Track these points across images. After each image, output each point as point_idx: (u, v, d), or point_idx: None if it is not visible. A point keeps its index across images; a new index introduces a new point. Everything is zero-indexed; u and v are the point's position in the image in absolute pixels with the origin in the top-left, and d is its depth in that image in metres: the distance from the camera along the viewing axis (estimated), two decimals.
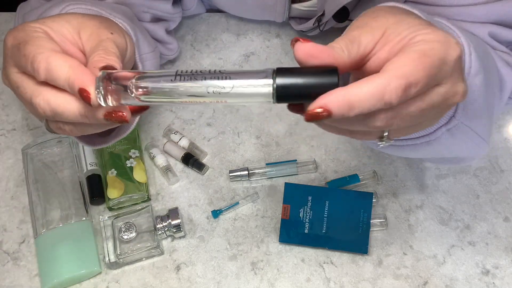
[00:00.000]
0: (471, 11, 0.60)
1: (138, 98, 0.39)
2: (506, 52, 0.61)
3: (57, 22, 0.47)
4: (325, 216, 0.68)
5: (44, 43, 0.44)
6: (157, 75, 0.39)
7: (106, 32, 0.47)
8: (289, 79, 0.37)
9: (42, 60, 0.42)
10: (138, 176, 0.71)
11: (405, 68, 0.37)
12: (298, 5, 0.77)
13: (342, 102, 0.36)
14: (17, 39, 0.45)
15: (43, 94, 0.44)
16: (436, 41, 0.39)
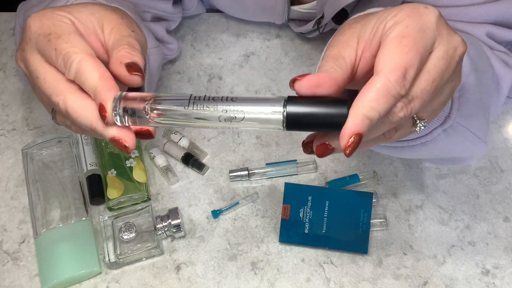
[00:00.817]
0: (468, 12, 0.60)
1: (152, 120, 0.41)
2: (504, 51, 0.61)
3: (83, 13, 0.46)
4: (325, 216, 0.68)
5: (77, 42, 0.44)
6: (172, 99, 0.40)
7: (128, 30, 0.47)
8: (300, 108, 0.38)
9: (76, 61, 0.43)
10: (138, 176, 0.71)
11: (393, 58, 0.38)
12: (297, 7, 0.77)
13: (363, 119, 0.37)
14: (45, 27, 0.44)
15: (64, 95, 0.44)
16: (406, 16, 0.39)
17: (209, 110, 0.39)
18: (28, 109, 0.78)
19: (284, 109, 0.38)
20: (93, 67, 0.43)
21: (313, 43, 0.83)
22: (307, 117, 0.38)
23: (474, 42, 0.58)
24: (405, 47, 0.38)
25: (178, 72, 0.82)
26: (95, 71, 0.42)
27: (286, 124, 0.38)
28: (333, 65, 0.40)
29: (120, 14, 0.49)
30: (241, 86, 0.80)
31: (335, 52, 0.41)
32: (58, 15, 0.45)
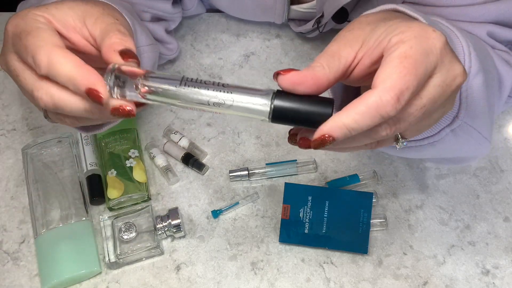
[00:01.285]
0: (469, 11, 0.60)
1: (143, 95, 0.41)
2: (505, 50, 0.62)
3: (60, 9, 0.46)
4: (325, 216, 0.68)
5: (46, 36, 0.43)
6: (164, 77, 0.41)
7: (111, 18, 0.47)
8: (287, 103, 0.39)
9: (44, 55, 0.42)
10: (138, 176, 0.71)
11: (391, 78, 0.37)
12: (297, 6, 0.77)
13: (342, 127, 0.38)
14: (18, 27, 0.44)
15: (45, 88, 0.43)
16: (412, 37, 0.39)
17: (199, 93, 0.40)
18: (28, 109, 0.79)
19: (272, 101, 0.39)
20: (63, 57, 0.42)
21: (313, 43, 0.83)
22: (293, 113, 0.39)
23: (479, 41, 0.58)
24: (405, 69, 0.37)
25: (178, 72, 0.82)
26: (66, 62, 0.41)
27: (272, 116, 0.39)
28: (323, 63, 0.40)
29: (102, 5, 0.48)
30: None
31: (335, 48, 0.41)
32: (32, 14, 0.45)
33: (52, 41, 0.43)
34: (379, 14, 0.45)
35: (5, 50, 0.46)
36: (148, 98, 0.41)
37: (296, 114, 0.39)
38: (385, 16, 0.44)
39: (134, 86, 0.40)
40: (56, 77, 0.42)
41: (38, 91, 0.43)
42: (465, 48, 0.50)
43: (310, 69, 0.40)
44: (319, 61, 0.40)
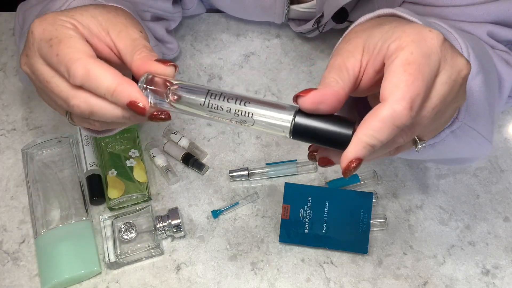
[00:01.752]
0: (469, 11, 0.60)
1: (171, 104, 0.43)
2: (505, 50, 0.62)
3: (85, 17, 0.46)
4: (325, 216, 0.68)
5: (79, 46, 0.43)
6: (192, 88, 0.42)
7: (136, 31, 0.47)
8: (308, 121, 0.39)
9: (80, 67, 0.42)
10: (138, 175, 0.71)
11: (399, 88, 0.37)
12: (296, 6, 0.77)
13: (365, 147, 0.38)
14: (47, 33, 0.44)
15: (83, 97, 0.44)
16: (410, 42, 0.39)
17: (225, 106, 0.41)
18: (28, 109, 0.79)
19: (294, 119, 0.39)
20: (102, 70, 0.42)
21: (313, 43, 0.83)
22: (314, 131, 0.39)
23: (478, 42, 0.58)
24: (411, 76, 0.37)
25: (178, 72, 0.81)
26: (106, 74, 0.42)
27: (292, 134, 0.40)
28: (335, 77, 0.40)
29: (123, 15, 0.49)
30: (241, 86, 0.80)
31: (339, 61, 0.41)
32: (60, 20, 0.45)
33: (86, 52, 0.43)
34: (373, 21, 0.45)
35: (29, 52, 0.46)
36: (176, 107, 0.43)
37: (316, 132, 0.39)
38: (379, 21, 0.44)
39: (165, 95, 0.43)
40: (95, 89, 0.43)
41: (75, 99, 0.44)
42: (463, 49, 0.50)
43: (327, 86, 0.40)
44: (330, 76, 0.40)
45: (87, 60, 0.42)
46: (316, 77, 0.81)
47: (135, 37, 0.46)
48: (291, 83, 0.80)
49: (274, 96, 0.79)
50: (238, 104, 0.41)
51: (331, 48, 0.83)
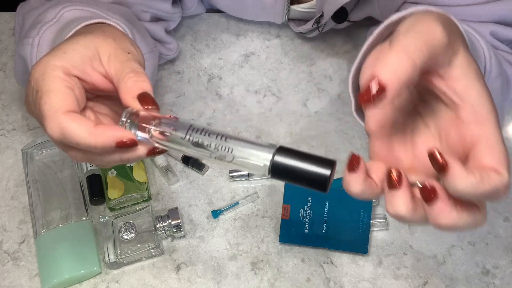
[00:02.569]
0: (472, 11, 0.60)
1: (154, 140, 0.43)
2: (508, 51, 0.62)
3: (77, 52, 0.46)
4: (325, 216, 0.68)
5: (56, 100, 0.43)
6: (174, 124, 0.42)
7: (123, 52, 0.47)
8: (287, 160, 0.39)
9: (54, 126, 0.42)
10: (138, 175, 0.71)
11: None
12: (296, 6, 0.77)
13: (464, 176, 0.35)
14: (36, 83, 0.44)
15: (73, 152, 0.44)
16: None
17: (204, 144, 0.41)
18: None
19: (273, 158, 0.39)
20: (76, 125, 0.42)
21: (313, 43, 0.83)
22: (292, 171, 0.38)
23: (489, 45, 0.58)
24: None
25: (178, 72, 0.82)
26: (81, 129, 0.41)
27: (271, 172, 0.39)
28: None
29: (111, 36, 0.48)
30: (241, 86, 0.80)
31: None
32: (50, 66, 0.44)
33: (62, 107, 0.43)
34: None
35: (28, 99, 0.46)
36: (158, 142, 0.43)
37: (294, 172, 0.38)
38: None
39: (147, 131, 0.43)
40: (76, 145, 0.42)
41: (68, 153, 0.45)
42: (486, 52, 0.50)
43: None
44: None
45: (61, 117, 0.42)
46: (316, 77, 0.81)
47: (123, 59, 0.46)
48: (291, 83, 0.80)
49: (274, 96, 0.79)
50: (219, 139, 0.41)
51: (331, 48, 0.83)
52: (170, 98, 0.79)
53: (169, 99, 0.79)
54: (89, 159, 0.45)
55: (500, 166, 0.35)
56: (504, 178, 0.35)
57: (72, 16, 0.58)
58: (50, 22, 0.57)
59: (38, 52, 0.57)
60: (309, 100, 0.79)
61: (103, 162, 0.45)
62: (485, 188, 0.34)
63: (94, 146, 0.42)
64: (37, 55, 0.57)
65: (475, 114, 0.36)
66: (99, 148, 0.42)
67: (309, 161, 0.38)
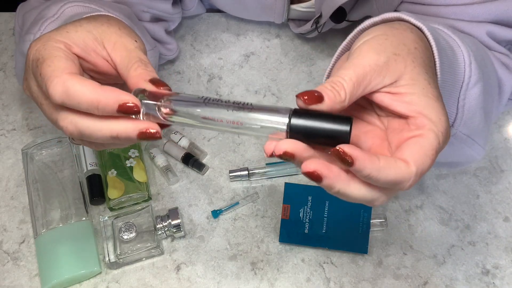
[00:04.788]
0: (469, 10, 0.60)
1: (165, 117, 0.42)
2: (504, 53, 0.61)
3: (80, 33, 0.46)
4: (325, 216, 0.68)
5: (60, 64, 0.42)
6: (186, 99, 0.42)
7: (131, 41, 0.46)
8: (304, 121, 0.39)
9: (58, 84, 0.41)
10: (138, 175, 0.71)
11: (417, 159, 0.38)
12: (296, 5, 0.77)
13: (368, 165, 0.37)
14: (37, 53, 0.44)
15: (69, 118, 0.42)
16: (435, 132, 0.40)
17: (220, 113, 0.40)
18: (28, 109, 0.78)
19: (289, 120, 0.39)
20: (81, 85, 0.41)
21: (313, 43, 0.83)
22: (310, 131, 0.39)
23: (479, 46, 0.58)
24: (428, 156, 0.39)
25: (178, 72, 0.82)
26: (84, 88, 0.41)
27: (290, 135, 0.39)
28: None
29: (116, 25, 0.48)
30: (241, 86, 0.80)
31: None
32: (53, 39, 0.44)
33: (67, 69, 0.42)
34: (381, 38, 0.43)
35: (27, 75, 0.46)
36: (169, 120, 0.42)
37: (313, 131, 0.39)
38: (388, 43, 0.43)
39: (157, 108, 0.41)
40: (77, 106, 0.41)
41: (62, 121, 0.43)
42: (466, 58, 0.50)
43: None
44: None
45: (65, 77, 0.41)
46: (316, 77, 0.81)
47: (130, 48, 0.46)
48: (291, 83, 0.80)
49: (274, 96, 0.79)
50: (234, 108, 0.40)
51: (331, 48, 0.83)
52: None
53: None
54: (83, 129, 0.42)
55: (413, 161, 0.38)
56: (410, 170, 0.37)
57: (74, 12, 0.57)
58: (51, 18, 0.57)
59: None
60: None
61: (97, 134, 0.42)
62: (388, 173, 0.37)
63: (96, 104, 0.40)
64: None
65: (416, 124, 0.39)
66: (100, 108, 0.40)
67: (326, 119, 0.38)
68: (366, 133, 0.44)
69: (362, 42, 0.42)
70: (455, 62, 0.49)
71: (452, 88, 0.49)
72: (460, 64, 0.49)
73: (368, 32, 0.43)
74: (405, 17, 0.45)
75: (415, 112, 0.39)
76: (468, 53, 0.50)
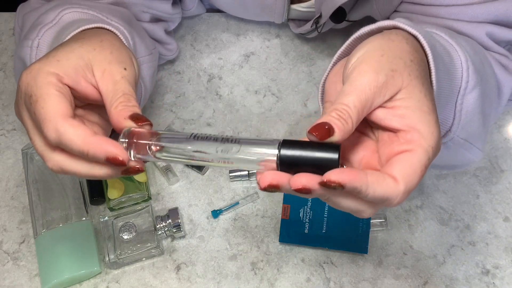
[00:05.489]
0: (468, 11, 0.60)
1: (154, 155, 0.43)
2: (503, 54, 0.61)
3: (71, 60, 0.46)
4: (325, 216, 0.68)
5: (54, 105, 0.43)
6: (174, 136, 0.43)
7: (119, 69, 0.47)
8: (293, 151, 0.39)
9: (51, 129, 0.42)
10: (138, 175, 0.71)
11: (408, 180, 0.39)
12: (296, 5, 0.77)
13: (357, 184, 0.37)
14: (29, 88, 0.44)
15: (54, 160, 0.44)
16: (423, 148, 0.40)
17: (208, 151, 0.41)
18: None
19: (279, 151, 0.39)
20: (73, 131, 0.42)
21: (313, 43, 0.83)
22: (300, 161, 0.39)
23: (478, 49, 0.58)
24: (417, 172, 0.39)
25: (178, 72, 0.82)
26: (77, 136, 0.42)
27: (280, 166, 0.39)
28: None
29: (109, 47, 0.48)
30: (241, 86, 0.80)
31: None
32: (43, 72, 0.44)
33: (60, 112, 0.43)
34: (377, 54, 0.43)
35: (18, 102, 0.46)
36: (159, 157, 0.43)
37: (303, 161, 0.39)
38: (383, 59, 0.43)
39: (147, 148, 0.42)
40: (70, 150, 0.43)
41: (49, 162, 0.44)
42: (463, 63, 0.50)
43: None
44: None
45: (58, 121, 0.42)
46: (316, 77, 0.81)
47: (117, 79, 0.46)
48: (291, 83, 0.80)
49: (274, 96, 0.79)
50: (222, 143, 0.41)
51: (331, 48, 0.83)
52: (170, 98, 0.79)
53: (169, 99, 0.79)
54: (68, 170, 0.44)
55: (401, 179, 0.38)
56: (398, 188, 0.38)
57: (72, 19, 0.57)
58: (49, 24, 0.57)
59: (37, 54, 0.56)
60: (309, 100, 0.79)
61: (81, 175, 0.44)
62: (376, 188, 0.37)
63: (85, 153, 0.42)
64: (36, 57, 0.56)
65: (406, 138, 0.39)
66: (90, 156, 0.42)
67: (315, 149, 0.39)
68: (358, 144, 0.44)
69: (361, 56, 0.42)
70: (452, 67, 0.49)
71: (449, 93, 0.49)
72: (457, 69, 0.49)
73: (366, 44, 0.43)
74: (401, 25, 0.45)
75: (407, 126, 0.39)
76: (465, 57, 0.50)
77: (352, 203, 0.40)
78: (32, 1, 0.67)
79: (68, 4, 0.59)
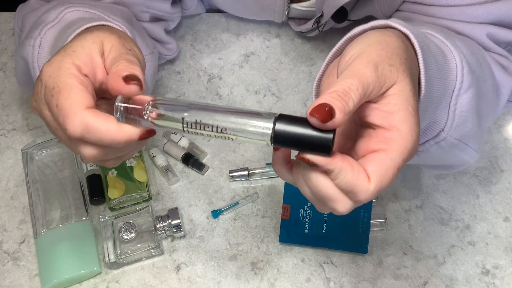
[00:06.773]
0: (469, 11, 0.60)
1: (151, 121, 0.42)
2: (503, 55, 0.61)
3: (86, 48, 0.46)
4: (325, 216, 0.68)
5: (77, 97, 0.43)
6: (171, 103, 0.42)
7: (125, 48, 0.47)
8: (288, 127, 0.39)
9: (77, 121, 0.42)
10: (138, 175, 0.71)
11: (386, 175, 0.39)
12: (296, 5, 0.77)
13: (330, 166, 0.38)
14: (51, 80, 0.44)
15: (87, 149, 0.44)
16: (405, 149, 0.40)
17: (205, 118, 0.41)
18: (28, 109, 0.78)
19: (274, 126, 0.39)
20: (103, 121, 0.42)
21: (313, 43, 0.83)
22: (294, 137, 0.39)
23: (475, 49, 0.58)
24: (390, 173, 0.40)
25: (178, 72, 0.82)
26: (108, 125, 0.42)
27: (274, 140, 0.39)
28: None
29: (116, 34, 0.48)
30: (241, 86, 0.80)
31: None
32: (65, 64, 0.44)
33: (84, 103, 0.43)
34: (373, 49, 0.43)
35: (37, 98, 0.46)
36: (156, 124, 0.42)
37: (297, 138, 0.38)
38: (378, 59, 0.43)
39: (143, 113, 0.42)
40: (98, 142, 0.42)
41: (81, 151, 0.44)
42: (458, 63, 0.50)
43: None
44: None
45: (84, 113, 0.42)
46: (316, 77, 0.80)
47: (122, 51, 0.46)
48: (291, 83, 0.80)
49: (274, 96, 0.79)
50: (219, 114, 0.40)
51: (331, 48, 0.82)
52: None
53: None
54: (103, 155, 0.44)
55: (373, 178, 0.38)
56: (368, 186, 0.38)
57: (74, 17, 0.57)
58: (51, 23, 0.57)
59: (40, 53, 0.56)
60: (309, 100, 0.79)
61: (114, 159, 0.45)
62: (346, 175, 0.38)
63: (118, 141, 0.42)
64: (38, 56, 0.56)
65: (384, 136, 0.40)
66: (123, 143, 0.42)
67: (310, 126, 0.38)
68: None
69: (359, 49, 0.41)
70: (446, 68, 0.49)
71: (443, 93, 0.49)
72: (452, 70, 0.49)
73: (363, 39, 0.43)
74: (394, 25, 0.45)
75: (389, 125, 0.39)
76: (460, 58, 0.50)
77: (325, 184, 0.40)
78: (32, 1, 0.67)
79: (69, 3, 0.59)
